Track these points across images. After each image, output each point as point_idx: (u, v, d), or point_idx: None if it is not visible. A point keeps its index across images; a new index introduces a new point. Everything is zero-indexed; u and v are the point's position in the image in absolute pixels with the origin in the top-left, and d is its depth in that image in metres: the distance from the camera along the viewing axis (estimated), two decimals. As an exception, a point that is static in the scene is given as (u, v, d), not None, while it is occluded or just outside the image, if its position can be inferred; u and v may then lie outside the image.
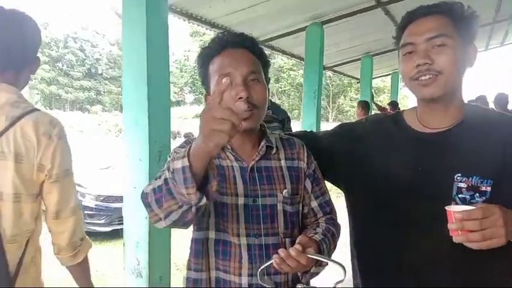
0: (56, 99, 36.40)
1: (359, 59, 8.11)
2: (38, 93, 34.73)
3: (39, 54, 1.39)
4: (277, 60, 37.56)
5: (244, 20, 4.73)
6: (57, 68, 38.44)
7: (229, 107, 0.83)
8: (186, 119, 25.37)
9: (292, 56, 6.71)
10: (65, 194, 1.30)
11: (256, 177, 1.17)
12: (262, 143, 1.20)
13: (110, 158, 6.54)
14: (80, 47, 40.01)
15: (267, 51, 8.35)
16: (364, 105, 7.30)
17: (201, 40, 38.48)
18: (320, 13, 4.85)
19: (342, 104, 43.26)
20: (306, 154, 1.26)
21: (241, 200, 1.15)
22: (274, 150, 1.21)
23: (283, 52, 6.41)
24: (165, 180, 0.90)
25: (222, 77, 1.09)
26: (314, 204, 1.26)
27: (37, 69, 1.41)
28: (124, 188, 2.71)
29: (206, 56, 1.18)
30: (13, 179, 1.20)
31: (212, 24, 4.68)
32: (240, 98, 1.07)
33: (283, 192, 1.18)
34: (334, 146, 1.36)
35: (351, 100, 42.57)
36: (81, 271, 1.40)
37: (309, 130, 1.64)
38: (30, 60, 1.35)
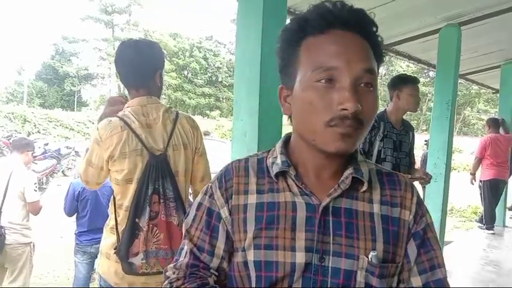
0: (180, 104, 39.41)
1: (498, 67, 7.00)
2: (165, 98, 38.01)
3: (167, 63, 1.70)
4: (396, 67, 35.62)
5: (367, 23, 4.32)
6: (183, 75, 41.66)
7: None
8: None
9: (419, 62, 6.01)
10: (206, 164, 1.86)
11: (330, 223, 0.75)
12: (347, 173, 0.78)
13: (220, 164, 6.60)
14: (204, 56, 42.86)
15: (390, 57, 7.70)
16: (493, 124, 6.27)
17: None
18: (457, 13, 4.19)
19: (468, 116, 39.50)
20: (415, 201, 0.82)
21: (300, 257, 0.74)
22: (364, 187, 0.79)
23: (409, 57, 5.78)
24: None
25: (322, 72, 0.71)
26: (416, 282, 0.79)
27: (161, 79, 1.82)
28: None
29: (299, 30, 0.75)
30: (183, 160, 1.73)
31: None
32: (345, 109, 0.69)
33: (370, 256, 0.74)
34: None
35: (478, 112, 38.69)
36: None
37: (440, 149, 1.15)
38: (151, 75, 1.77)
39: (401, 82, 2.98)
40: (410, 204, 0.82)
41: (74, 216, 3.55)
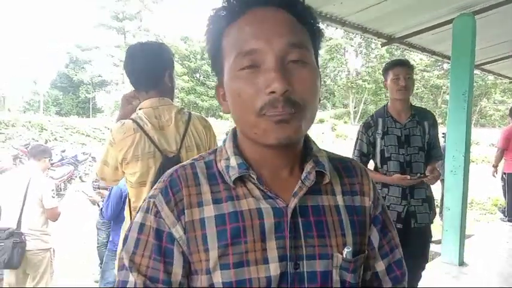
0: (193, 107, 39.57)
1: (515, 55, 6.83)
2: (178, 102, 38.22)
3: (179, 67, 1.68)
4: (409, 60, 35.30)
5: (378, 16, 4.26)
6: (195, 78, 41.87)
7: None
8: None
9: (434, 53, 5.91)
10: None
11: (300, 225, 0.69)
12: (309, 167, 0.71)
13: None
14: (215, 58, 42.90)
15: (402, 50, 7.59)
16: None
17: (327, 45, 38.04)
18: (470, 2, 4.11)
19: (485, 107, 38.76)
20: (371, 186, 0.79)
21: (274, 269, 0.66)
22: (327, 179, 0.73)
23: (423, 50, 5.68)
24: None
25: (243, 57, 0.64)
26: (380, 267, 0.78)
27: (171, 80, 1.79)
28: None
29: (218, 23, 0.68)
30: None
31: (343, 23, 4.30)
32: (272, 92, 0.61)
33: (344, 252, 0.70)
34: None
35: (495, 103, 37.92)
36: None
37: (458, 141, 1.08)
38: (160, 76, 1.75)
39: (384, 71, 2.70)
40: (368, 190, 0.78)
41: (96, 223, 3.55)
